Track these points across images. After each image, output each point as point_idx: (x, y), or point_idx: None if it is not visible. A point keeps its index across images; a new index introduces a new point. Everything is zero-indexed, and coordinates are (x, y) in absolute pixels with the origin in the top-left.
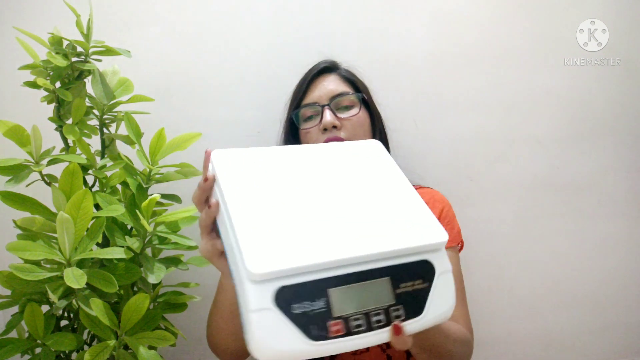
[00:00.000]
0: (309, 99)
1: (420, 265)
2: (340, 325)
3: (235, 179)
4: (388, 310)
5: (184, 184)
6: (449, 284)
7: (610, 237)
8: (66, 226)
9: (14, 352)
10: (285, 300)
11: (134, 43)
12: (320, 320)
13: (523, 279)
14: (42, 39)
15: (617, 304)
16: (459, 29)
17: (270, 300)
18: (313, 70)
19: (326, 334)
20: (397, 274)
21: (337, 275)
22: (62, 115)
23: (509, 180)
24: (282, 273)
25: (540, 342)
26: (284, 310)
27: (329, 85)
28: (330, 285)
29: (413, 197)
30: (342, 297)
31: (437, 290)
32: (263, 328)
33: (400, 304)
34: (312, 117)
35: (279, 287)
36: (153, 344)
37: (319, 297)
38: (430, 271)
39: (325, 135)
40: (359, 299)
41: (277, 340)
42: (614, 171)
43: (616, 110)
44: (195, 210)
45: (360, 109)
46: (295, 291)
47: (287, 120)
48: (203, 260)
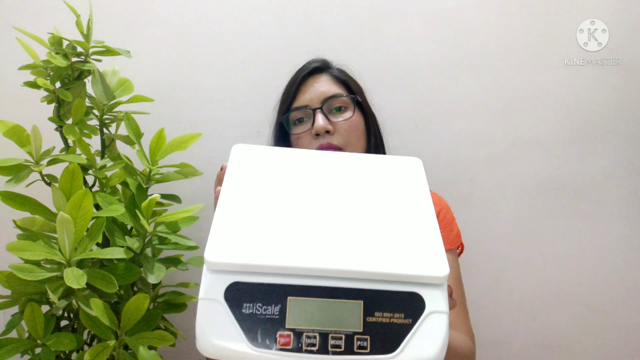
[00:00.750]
0: (300, 101)
1: (406, 297)
2: (289, 339)
3: (242, 173)
4: (352, 337)
5: (184, 184)
6: (440, 327)
7: (610, 239)
8: (66, 226)
9: (14, 352)
10: (236, 297)
11: (134, 43)
12: (270, 327)
13: (523, 280)
14: (42, 39)
15: (617, 306)
16: (459, 29)
17: (221, 292)
18: (303, 70)
19: (272, 344)
20: (374, 300)
21: (300, 284)
22: (62, 115)
23: (509, 181)
24: (237, 267)
25: (540, 344)
26: (233, 307)
27: (320, 86)
28: (289, 294)
29: (428, 223)
30: (299, 309)
31: (423, 331)
32: (207, 319)
33: (368, 335)
34: (302, 120)
35: (232, 281)
36: (153, 344)
37: (274, 303)
38: (418, 307)
39: (317, 141)
40: (319, 316)
41: (218, 335)
42: (615, 172)
43: (617, 110)
44: (195, 210)
45: (354, 112)
46: (250, 290)
47: (277, 124)
48: (203, 260)
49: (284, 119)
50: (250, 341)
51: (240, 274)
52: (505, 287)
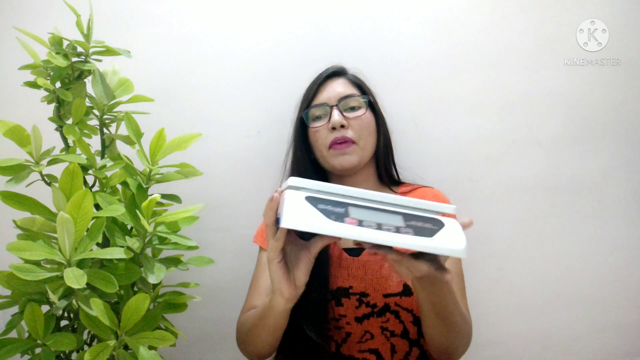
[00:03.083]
0: (319, 100)
1: (431, 219)
2: (354, 221)
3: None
4: (398, 228)
5: (184, 184)
6: (458, 234)
7: (610, 238)
8: (66, 226)
9: (14, 352)
10: (312, 200)
11: (134, 43)
12: (339, 215)
13: (523, 280)
14: (42, 39)
15: (617, 305)
16: (459, 29)
17: (302, 197)
18: (323, 74)
19: (341, 220)
20: (410, 216)
21: (357, 203)
22: (62, 115)
23: (509, 181)
24: (311, 185)
25: (540, 343)
26: (312, 204)
27: (337, 87)
28: (350, 204)
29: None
30: (358, 211)
31: (447, 232)
32: (292, 203)
33: (411, 229)
34: (320, 116)
35: (308, 195)
36: (153, 344)
37: (340, 207)
38: (439, 223)
39: (333, 134)
40: (372, 217)
41: (300, 213)
42: (615, 172)
43: (616, 110)
44: (195, 210)
45: (366, 111)
46: (322, 199)
47: (298, 119)
48: (203, 260)
49: (304, 114)
50: (325, 217)
51: (313, 191)
52: (505, 287)
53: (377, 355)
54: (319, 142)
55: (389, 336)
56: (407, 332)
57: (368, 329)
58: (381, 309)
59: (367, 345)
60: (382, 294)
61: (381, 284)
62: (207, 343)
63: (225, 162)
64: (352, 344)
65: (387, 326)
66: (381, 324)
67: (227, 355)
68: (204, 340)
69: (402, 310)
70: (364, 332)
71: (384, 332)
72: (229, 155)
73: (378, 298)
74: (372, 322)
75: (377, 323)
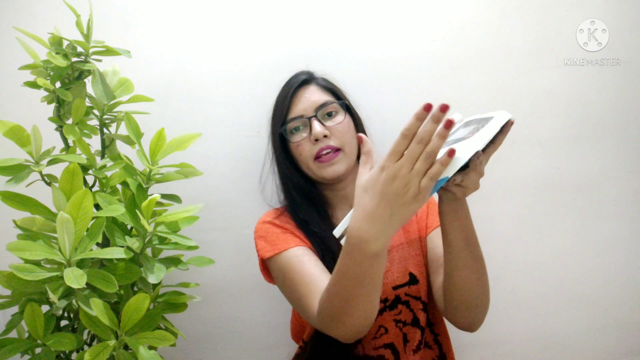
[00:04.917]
0: (294, 112)
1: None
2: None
3: None
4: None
5: (184, 184)
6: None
7: (610, 237)
8: (66, 226)
9: (14, 352)
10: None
11: (134, 43)
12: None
13: (523, 279)
14: (42, 39)
15: (617, 304)
16: (458, 29)
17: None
18: (293, 84)
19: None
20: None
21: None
22: (62, 115)
23: (509, 180)
24: None
25: (541, 342)
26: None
27: (311, 96)
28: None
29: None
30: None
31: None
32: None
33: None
34: (299, 127)
35: None
36: (153, 344)
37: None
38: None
39: (317, 145)
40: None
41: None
42: (615, 171)
43: (616, 110)
44: (194, 210)
45: (345, 116)
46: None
47: (276, 135)
48: (203, 260)
49: (283, 130)
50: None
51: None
52: (505, 286)
53: (392, 348)
54: (303, 155)
55: (401, 327)
56: (417, 319)
57: (382, 323)
58: (393, 302)
59: (381, 340)
60: (391, 287)
61: (388, 277)
62: (207, 343)
63: (225, 162)
64: (367, 342)
65: (400, 317)
66: (394, 316)
67: (227, 355)
68: (204, 340)
69: (412, 299)
70: (378, 327)
71: (397, 324)
72: (229, 155)
73: (388, 292)
74: (386, 316)
75: (390, 317)
